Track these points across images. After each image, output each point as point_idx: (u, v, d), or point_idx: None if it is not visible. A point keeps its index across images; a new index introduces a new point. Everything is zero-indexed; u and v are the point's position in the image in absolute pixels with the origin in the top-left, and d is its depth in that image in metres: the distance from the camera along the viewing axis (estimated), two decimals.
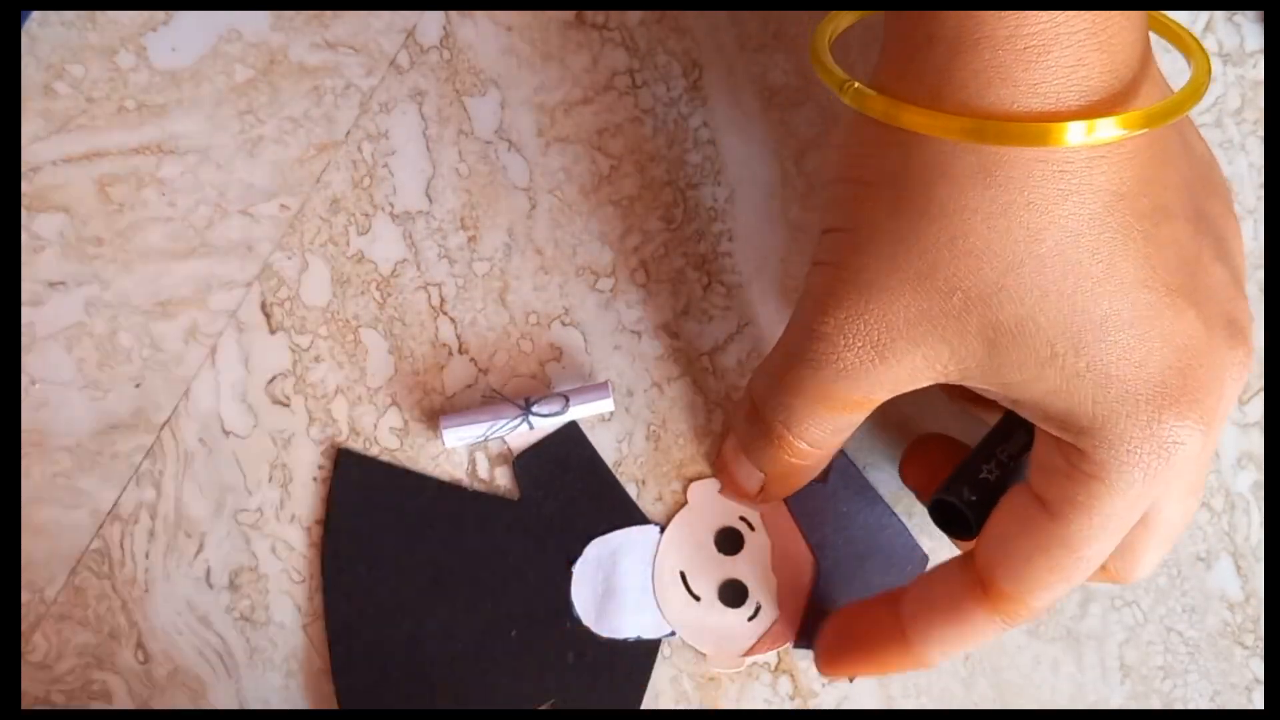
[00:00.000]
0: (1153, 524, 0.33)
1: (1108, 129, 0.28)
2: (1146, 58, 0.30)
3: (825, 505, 0.39)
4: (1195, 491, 0.33)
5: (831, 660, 0.37)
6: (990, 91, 0.28)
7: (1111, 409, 0.30)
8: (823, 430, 0.34)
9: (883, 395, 0.33)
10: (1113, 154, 0.29)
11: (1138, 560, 0.34)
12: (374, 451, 0.39)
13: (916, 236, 0.30)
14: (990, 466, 0.35)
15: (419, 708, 0.38)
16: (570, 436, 0.39)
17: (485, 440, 0.39)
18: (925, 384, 0.32)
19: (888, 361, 0.31)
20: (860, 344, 0.31)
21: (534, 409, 0.38)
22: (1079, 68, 0.28)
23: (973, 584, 0.34)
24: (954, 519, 0.36)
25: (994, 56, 0.28)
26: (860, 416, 0.34)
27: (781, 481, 0.37)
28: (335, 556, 0.38)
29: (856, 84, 0.31)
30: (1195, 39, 0.33)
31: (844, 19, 0.34)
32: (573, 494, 0.39)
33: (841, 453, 0.39)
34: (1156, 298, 0.30)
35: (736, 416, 0.37)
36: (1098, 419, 0.30)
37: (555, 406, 0.38)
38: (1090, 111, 0.29)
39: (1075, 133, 0.28)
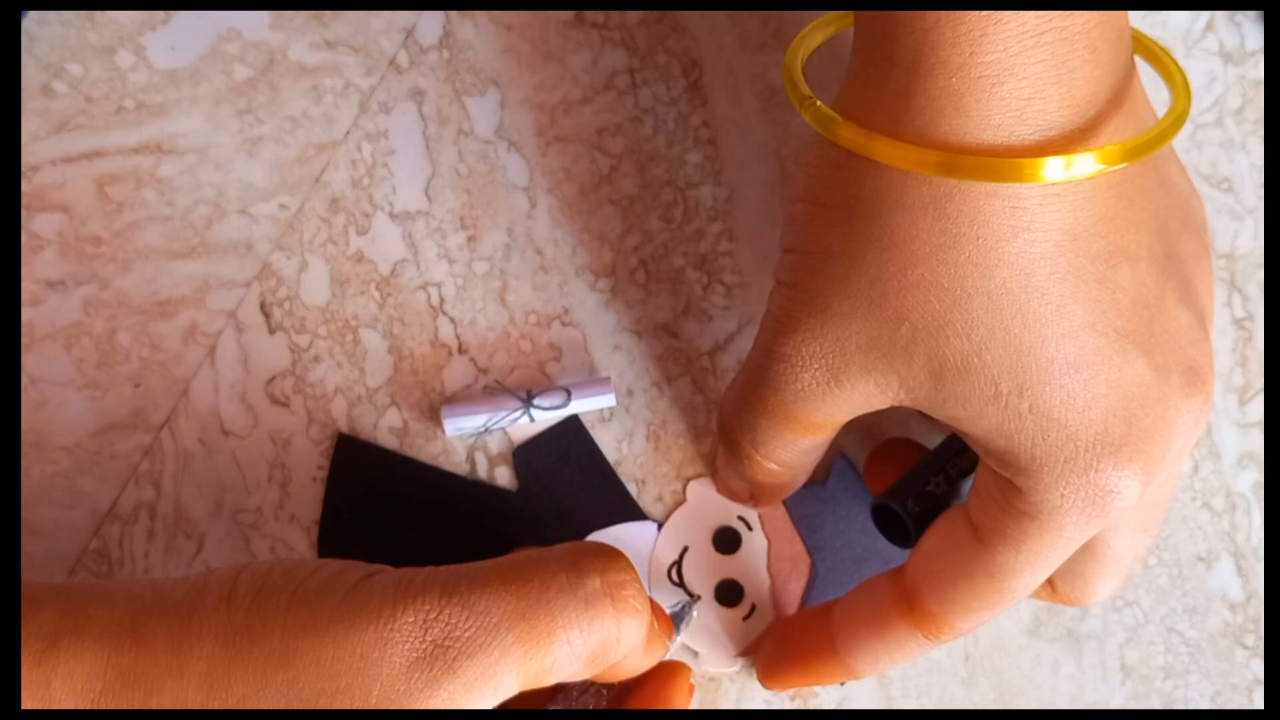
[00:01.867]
0: (1103, 555, 0.33)
1: (1086, 164, 0.27)
2: (1120, 92, 0.29)
3: (824, 508, 0.39)
4: (1147, 528, 0.33)
5: (768, 671, 0.38)
6: (943, 120, 0.28)
7: (1050, 452, 0.30)
8: (789, 451, 0.34)
9: (843, 417, 0.33)
10: (1068, 192, 0.28)
11: (1089, 588, 0.34)
12: None
13: (868, 264, 0.30)
14: (939, 479, 0.35)
15: None
16: (571, 429, 0.39)
17: (486, 430, 0.39)
18: (883, 407, 0.32)
19: (843, 386, 0.31)
20: (817, 367, 0.31)
21: (535, 401, 0.38)
22: (1034, 100, 0.28)
23: (899, 598, 0.34)
24: (894, 526, 0.36)
25: (948, 84, 0.28)
26: (826, 437, 0.34)
27: (766, 493, 0.37)
28: (332, 542, 0.38)
29: (818, 103, 0.30)
30: (1177, 65, 0.32)
31: (816, 36, 0.34)
32: (572, 486, 0.39)
33: (841, 455, 0.39)
34: (1105, 342, 0.29)
35: (718, 430, 0.37)
36: (1036, 460, 0.30)
37: (557, 399, 0.38)
38: (1045, 146, 0.28)
39: (1053, 168, 0.27)
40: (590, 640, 0.29)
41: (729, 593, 0.39)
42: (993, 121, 0.28)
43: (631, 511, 0.39)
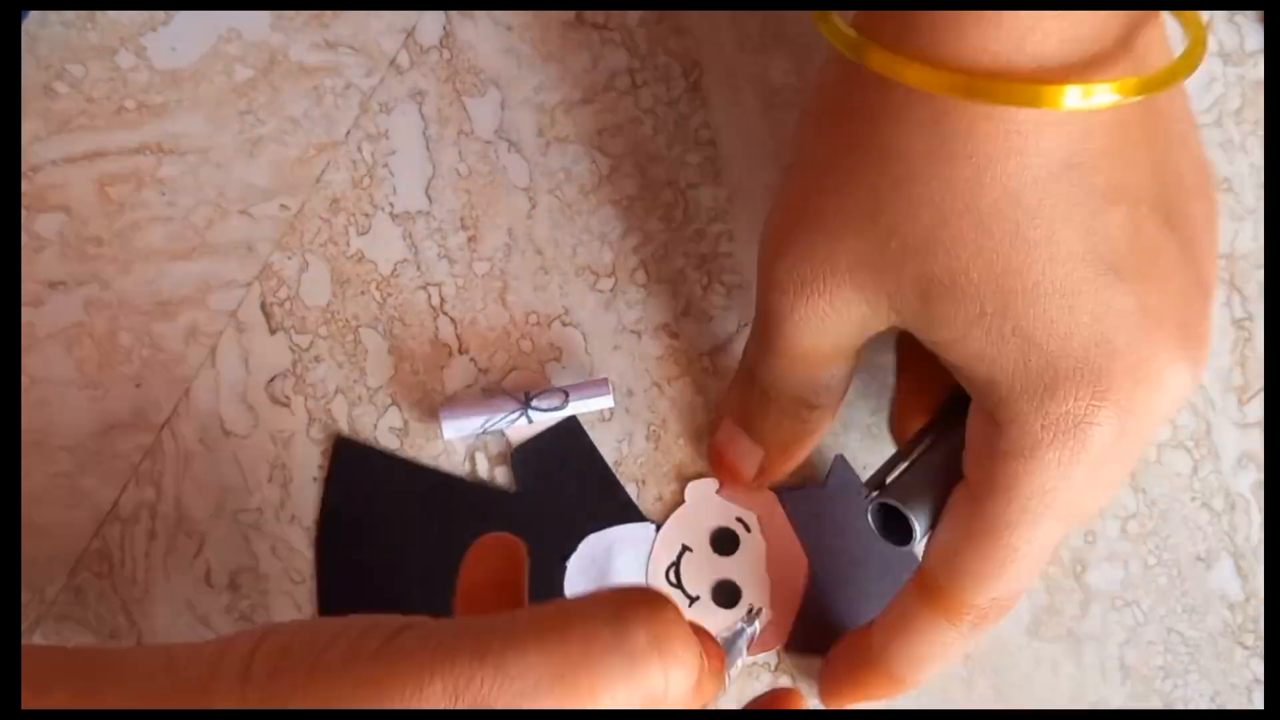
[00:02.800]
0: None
1: (1104, 94, 0.28)
2: (1128, 34, 0.29)
3: (822, 509, 0.39)
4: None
5: (830, 694, 0.38)
6: (943, 44, 0.28)
7: (1031, 379, 0.30)
8: (812, 388, 0.34)
9: (850, 341, 0.33)
10: (1066, 122, 0.29)
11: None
12: None
13: (865, 175, 0.30)
14: (910, 459, 0.35)
15: None
16: (569, 431, 0.39)
17: (484, 432, 0.39)
18: (880, 329, 0.32)
19: (837, 308, 0.31)
20: (810, 291, 0.31)
21: (533, 403, 0.38)
22: (1034, 31, 0.28)
23: (921, 590, 0.33)
24: (890, 522, 0.35)
25: (951, 14, 0.28)
26: (844, 367, 0.34)
27: (782, 453, 0.37)
28: (330, 544, 0.38)
29: (833, 16, 0.30)
30: (1195, 13, 0.32)
31: None
32: (570, 489, 0.39)
33: (840, 457, 0.39)
34: (1094, 274, 0.29)
35: (731, 392, 0.37)
36: (1016, 388, 0.30)
37: (554, 401, 0.38)
38: (1040, 75, 0.28)
39: (1072, 96, 0.28)
40: (634, 699, 0.27)
41: (727, 594, 0.39)
42: (991, 49, 0.28)
43: (629, 513, 0.39)
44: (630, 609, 0.27)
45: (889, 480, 0.34)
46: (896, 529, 0.35)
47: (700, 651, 0.28)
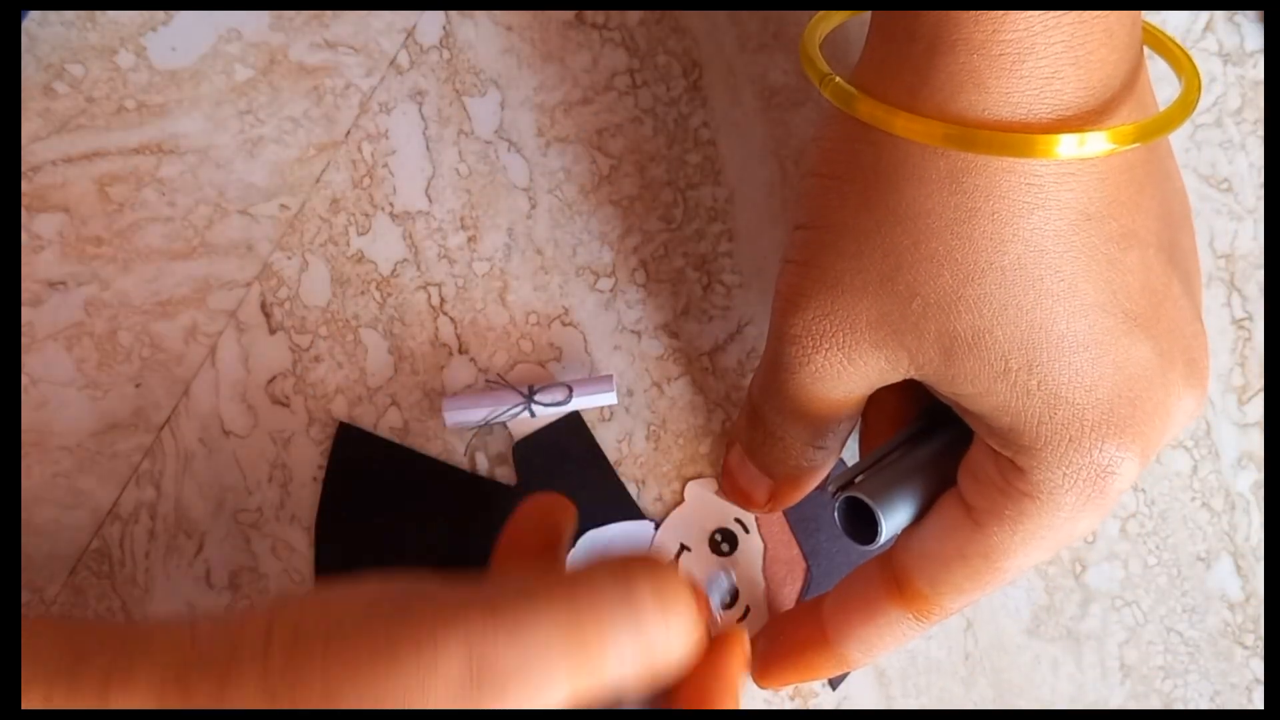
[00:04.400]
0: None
1: (1098, 142, 0.28)
2: (1131, 78, 0.30)
3: (820, 512, 0.39)
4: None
5: (763, 669, 0.37)
6: (962, 95, 0.28)
7: (1056, 430, 0.30)
8: (818, 433, 0.34)
9: (862, 392, 0.33)
10: (1082, 172, 0.29)
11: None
12: None
13: (882, 237, 0.30)
14: (874, 468, 0.35)
15: None
16: (571, 426, 0.39)
17: (486, 424, 0.39)
18: (895, 381, 0.32)
19: (855, 363, 0.31)
20: (828, 346, 0.31)
21: (537, 397, 0.38)
22: (1053, 80, 0.28)
23: (888, 582, 0.34)
24: (856, 520, 0.35)
25: (969, 60, 0.28)
26: (853, 413, 0.34)
27: (790, 485, 0.37)
28: (327, 530, 0.38)
29: (837, 79, 0.31)
30: (1187, 54, 0.32)
31: (838, 15, 0.35)
32: (570, 484, 0.39)
33: (840, 461, 0.39)
34: (1114, 323, 0.29)
35: (740, 423, 0.37)
36: (1041, 439, 0.30)
37: (558, 396, 0.38)
38: (1060, 125, 0.28)
39: (1067, 145, 0.28)
40: (641, 655, 0.28)
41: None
42: (1011, 99, 0.28)
43: (629, 510, 0.39)
44: (635, 570, 0.29)
45: (857, 480, 0.34)
46: (862, 528, 0.34)
47: (697, 609, 0.30)
